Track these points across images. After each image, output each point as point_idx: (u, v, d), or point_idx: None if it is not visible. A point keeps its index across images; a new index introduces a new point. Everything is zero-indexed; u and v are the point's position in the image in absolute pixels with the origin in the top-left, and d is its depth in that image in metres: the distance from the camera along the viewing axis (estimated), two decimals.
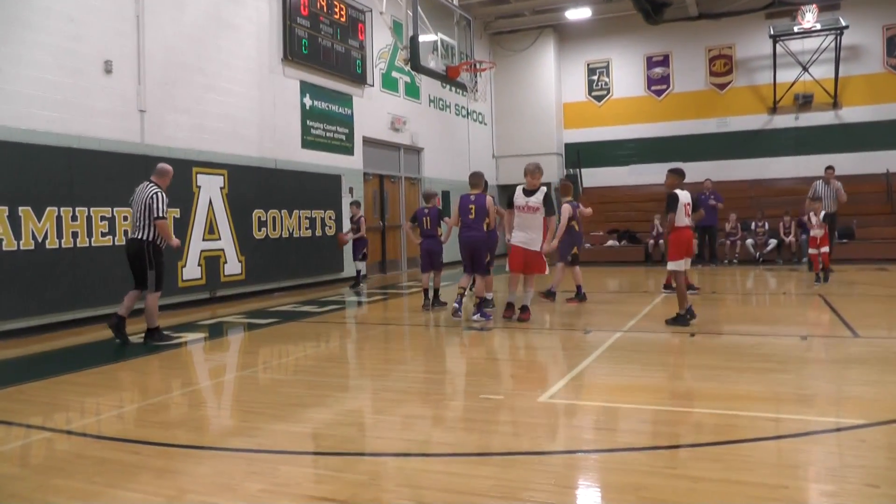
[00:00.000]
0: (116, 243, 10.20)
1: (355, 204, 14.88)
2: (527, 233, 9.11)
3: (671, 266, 8.91)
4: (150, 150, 11.01)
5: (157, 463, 4.15)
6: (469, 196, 9.64)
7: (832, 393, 5.63)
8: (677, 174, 9.11)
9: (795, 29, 21.37)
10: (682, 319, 8.63)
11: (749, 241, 18.72)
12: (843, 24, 20.81)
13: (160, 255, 8.19)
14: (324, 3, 15.04)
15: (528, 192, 9.11)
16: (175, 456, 4.28)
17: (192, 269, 11.76)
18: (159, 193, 8.11)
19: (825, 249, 13.20)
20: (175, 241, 8.34)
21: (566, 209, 10.52)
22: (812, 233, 13.40)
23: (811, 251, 13.62)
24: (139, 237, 8.07)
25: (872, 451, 4.15)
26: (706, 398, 5.48)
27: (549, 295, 10.99)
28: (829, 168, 15.36)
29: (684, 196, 8.81)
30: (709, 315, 9.55)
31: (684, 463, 3.95)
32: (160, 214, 8.04)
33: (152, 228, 8.05)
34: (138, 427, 4.99)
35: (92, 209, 9.93)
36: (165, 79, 11.46)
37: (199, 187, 11.88)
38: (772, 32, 21.63)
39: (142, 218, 8.06)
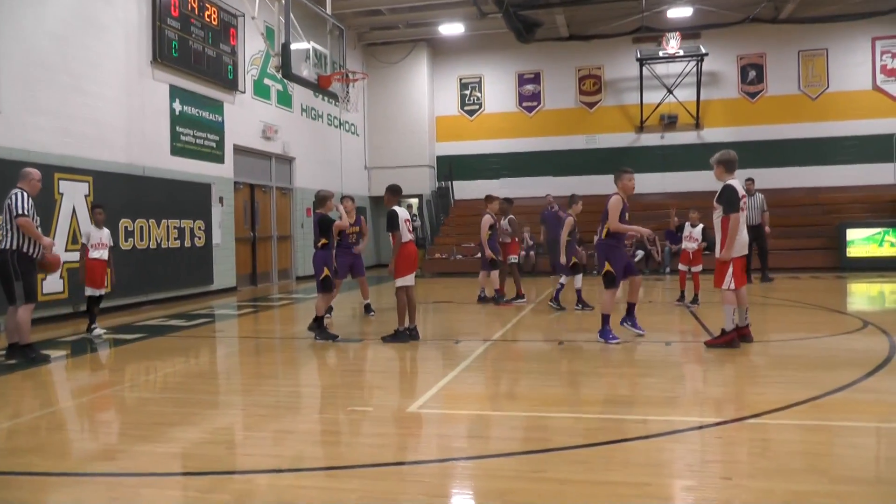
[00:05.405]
0: None
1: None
2: None
3: (399, 283, 8.66)
4: (5, 153, 10.30)
5: (6, 495, 3.87)
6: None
7: (694, 394, 6.01)
8: (394, 192, 8.99)
9: (661, 54, 22.67)
10: (401, 336, 8.57)
11: None
12: (704, 51, 22.32)
13: (27, 263, 7.60)
14: (195, 5, 14.61)
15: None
16: (28, 485, 4.03)
17: (53, 283, 11.05)
18: (20, 192, 7.56)
19: (697, 269, 11.40)
20: (47, 241, 7.80)
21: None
22: (684, 246, 11.55)
23: (681, 267, 11.68)
24: (2, 247, 7.53)
25: (728, 446, 4.48)
26: (575, 403, 5.68)
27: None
28: (750, 180, 14.90)
29: (403, 213, 8.81)
30: (576, 324, 9.89)
31: (552, 467, 4.07)
32: (21, 211, 7.45)
33: (16, 235, 7.49)
34: None
35: None
36: (24, 78, 10.79)
37: (62, 194, 11.22)
38: (639, 56, 22.82)
39: (5, 225, 7.51)
